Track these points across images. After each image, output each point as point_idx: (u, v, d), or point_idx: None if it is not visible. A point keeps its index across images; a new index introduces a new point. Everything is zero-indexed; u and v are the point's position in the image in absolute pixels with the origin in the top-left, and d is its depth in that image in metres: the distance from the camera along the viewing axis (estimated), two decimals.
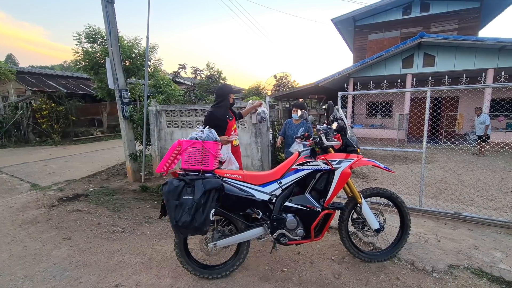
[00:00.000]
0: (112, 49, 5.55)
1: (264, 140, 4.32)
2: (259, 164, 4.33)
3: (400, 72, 11.14)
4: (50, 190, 5.07)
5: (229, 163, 2.79)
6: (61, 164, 7.40)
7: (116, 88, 5.72)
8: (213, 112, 2.97)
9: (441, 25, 12.98)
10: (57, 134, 12.33)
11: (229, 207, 2.17)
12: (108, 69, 5.66)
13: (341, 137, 2.29)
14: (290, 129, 4.08)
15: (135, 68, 10.86)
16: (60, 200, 4.49)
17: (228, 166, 2.80)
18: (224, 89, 3.05)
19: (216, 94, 3.04)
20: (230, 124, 2.99)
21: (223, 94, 2.98)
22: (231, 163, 2.79)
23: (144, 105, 5.77)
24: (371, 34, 14.58)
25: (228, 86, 3.18)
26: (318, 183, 2.24)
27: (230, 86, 3.22)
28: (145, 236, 3.15)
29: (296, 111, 4.01)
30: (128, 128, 5.97)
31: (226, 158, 2.79)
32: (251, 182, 2.23)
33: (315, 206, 2.21)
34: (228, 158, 2.79)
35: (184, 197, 1.89)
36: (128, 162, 6.05)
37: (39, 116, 11.89)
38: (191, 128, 5.29)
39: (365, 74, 11.79)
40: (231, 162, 2.79)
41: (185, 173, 2.14)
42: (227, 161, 2.80)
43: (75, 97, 13.85)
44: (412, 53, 10.93)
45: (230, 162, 2.79)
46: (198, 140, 2.14)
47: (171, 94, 6.19)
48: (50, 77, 15.45)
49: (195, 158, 2.14)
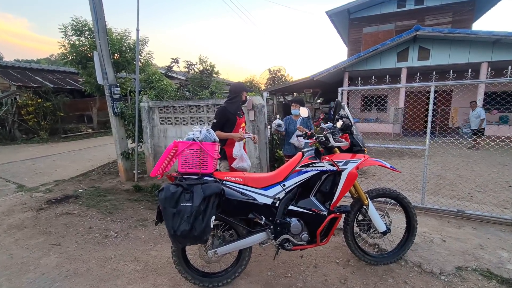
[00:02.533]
0: (100, 42, 5.27)
1: (262, 137, 4.18)
2: (257, 162, 4.20)
3: (395, 65, 11.10)
4: (38, 192, 4.84)
5: (241, 160, 2.71)
6: (49, 163, 7.11)
7: (106, 83, 5.46)
8: (226, 107, 2.93)
9: (435, 18, 12.94)
10: (44, 131, 11.90)
11: (230, 212, 2.04)
12: (96, 63, 5.39)
13: (348, 136, 2.17)
14: (291, 126, 3.97)
15: (125, 62, 10.50)
16: (48, 202, 4.27)
17: (239, 163, 2.72)
18: (238, 86, 3.03)
19: (230, 90, 3.04)
20: (239, 121, 2.93)
21: (236, 90, 2.97)
22: (243, 160, 2.71)
23: (135, 101, 5.54)
24: (366, 27, 14.46)
25: (242, 84, 3.17)
26: (324, 185, 2.12)
27: (243, 84, 3.20)
28: (140, 241, 3.00)
29: (296, 107, 3.88)
30: (119, 125, 5.73)
31: (238, 155, 2.69)
32: (253, 185, 2.10)
33: (320, 209, 2.09)
34: (240, 155, 2.71)
35: (182, 204, 1.74)
36: (120, 160, 5.83)
37: (25, 113, 11.42)
38: (185, 125, 5.11)
39: (360, 67, 11.71)
40: (243, 159, 2.70)
41: (182, 176, 1.99)
42: (239, 158, 2.72)
43: (62, 92, 13.34)
44: (407, 47, 10.87)
45: (242, 159, 2.70)
46: (196, 141, 1.98)
47: (164, 90, 5.95)
48: (35, 71, 14.83)
49: (192, 161, 1.98)
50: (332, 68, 11.36)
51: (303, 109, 3.00)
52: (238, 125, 2.91)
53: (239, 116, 2.95)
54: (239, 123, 2.93)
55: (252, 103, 4.03)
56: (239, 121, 2.93)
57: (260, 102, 4.07)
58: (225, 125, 2.87)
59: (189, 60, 5.98)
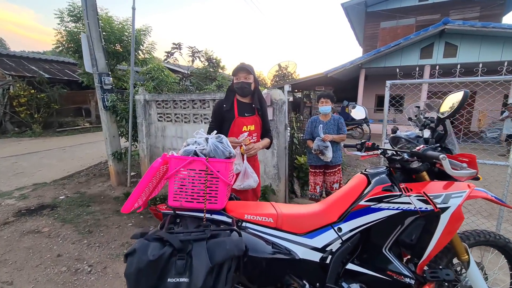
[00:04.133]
0: (88, 21, 4.48)
1: (281, 142, 3.37)
2: (274, 172, 3.38)
3: (418, 62, 10.16)
4: (11, 198, 4.07)
5: (245, 176, 1.83)
6: (34, 161, 6.35)
7: (95, 71, 4.67)
8: (221, 101, 2.09)
9: (461, 12, 11.96)
10: (38, 124, 11.17)
11: (254, 276, 1.23)
12: (84, 47, 4.59)
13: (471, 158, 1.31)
14: (317, 129, 3.12)
15: (126, 52, 9.69)
16: (17, 214, 3.50)
17: (244, 182, 1.83)
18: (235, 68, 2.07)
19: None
20: (239, 121, 1.97)
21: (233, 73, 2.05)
22: (248, 176, 1.83)
23: (130, 93, 4.74)
24: (384, 22, 13.52)
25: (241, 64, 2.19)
26: (407, 232, 1.30)
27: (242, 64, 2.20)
28: (120, 281, 2.21)
29: (326, 103, 3.04)
30: (110, 121, 4.94)
31: (241, 169, 1.83)
32: (290, 228, 1.28)
33: (401, 273, 1.28)
34: (244, 169, 1.83)
35: (171, 280, 0.93)
36: (111, 162, 5.05)
37: (17, 104, 10.69)
38: (187, 123, 4.30)
39: (378, 64, 10.81)
40: (247, 175, 1.83)
41: (175, 214, 1.20)
42: (242, 173, 1.83)
43: (58, 83, 12.58)
44: (432, 42, 9.95)
45: (247, 175, 1.83)
46: (199, 157, 1.18)
47: (163, 81, 5.14)
48: (32, 60, 14.08)
49: (192, 189, 1.18)
50: (348, 64, 10.46)
51: (358, 108, 1.89)
52: (238, 126, 1.97)
53: (240, 113, 2.00)
54: (239, 124, 1.98)
55: (271, 99, 3.21)
56: (239, 120, 1.98)
57: (280, 97, 3.25)
58: (223, 126, 2.02)
59: (194, 46, 5.16)
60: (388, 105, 3.34)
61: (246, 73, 1.92)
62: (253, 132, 1.99)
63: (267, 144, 2.09)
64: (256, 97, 2.03)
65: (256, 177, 1.87)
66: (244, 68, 1.92)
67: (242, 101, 2.04)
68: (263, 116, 2.07)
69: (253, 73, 1.96)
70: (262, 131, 2.11)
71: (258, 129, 2.04)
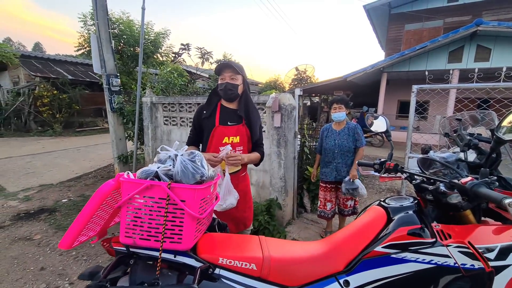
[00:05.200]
0: (98, 22, 4.40)
1: (289, 151, 3.04)
2: (281, 185, 3.05)
3: (445, 67, 9.42)
4: (15, 199, 4.03)
5: (228, 193, 1.51)
6: (47, 161, 6.43)
7: (103, 72, 4.60)
8: (201, 107, 1.76)
9: (495, 13, 11.04)
10: (59, 124, 11.53)
11: None
12: (93, 48, 4.53)
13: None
14: (329, 139, 2.76)
15: (145, 55, 9.78)
16: (15, 217, 3.41)
17: (227, 201, 1.50)
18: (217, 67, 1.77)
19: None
20: (220, 131, 1.64)
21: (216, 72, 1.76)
22: (230, 193, 1.51)
23: (136, 95, 4.61)
24: (408, 24, 12.80)
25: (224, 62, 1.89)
26: None
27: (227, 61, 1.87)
28: None
29: (340, 109, 2.67)
30: (117, 123, 4.85)
31: (222, 183, 1.51)
32: (280, 280, 0.96)
33: None
34: (225, 183, 1.50)
35: None
36: (116, 165, 4.95)
37: (40, 104, 11.09)
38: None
39: (402, 68, 10.15)
40: (229, 191, 1.51)
41: (130, 253, 0.92)
42: (223, 190, 1.50)
43: (80, 84, 12.99)
44: (462, 45, 9.19)
45: (229, 192, 1.52)
46: (160, 182, 0.90)
47: (172, 83, 4.99)
48: (58, 62, 14.69)
49: (149, 223, 0.90)
50: (369, 68, 9.91)
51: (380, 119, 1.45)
52: (218, 137, 1.64)
53: (222, 121, 1.66)
54: (219, 134, 1.64)
55: (279, 104, 2.90)
56: (220, 130, 1.64)
57: (290, 102, 2.93)
58: (203, 136, 1.72)
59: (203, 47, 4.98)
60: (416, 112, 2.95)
61: (232, 72, 1.59)
62: (237, 145, 1.66)
63: (255, 159, 1.71)
64: (243, 103, 1.68)
65: (236, 194, 1.54)
66: (229, 65, 1.59)
67: (227, 107, 1.71)
68: (251, 126, 1.69)
69: (241, 73, 1.63)
70: (251, 145, 1.74)
71: (244, 142, 1.68)
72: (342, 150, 2.70)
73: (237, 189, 1.62)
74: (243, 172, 1.77)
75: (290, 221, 3.26)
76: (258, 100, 3.18)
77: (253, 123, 1.69)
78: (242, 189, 1.73)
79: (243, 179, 1.77)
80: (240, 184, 1.73)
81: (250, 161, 1.69)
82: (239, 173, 1.72)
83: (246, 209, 1.80)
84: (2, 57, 11.30)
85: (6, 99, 11.70)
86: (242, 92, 1.69)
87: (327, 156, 2.78)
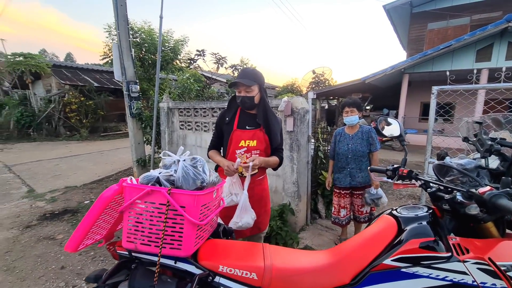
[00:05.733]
0: (119, 32, 4.61)
1: (302, 156, 2.98)
2: (294, 190, 3.00)
3: (473, 66, 8.89)
4: (42, 200, 4.27)
5: (244, 211, 1.49)
6: (73, 164, 6.78)
7: (124, 79, 4.79)
8: (224, 111, 1.81)
9: None
10: (85, 129, 12.17)
11: None
12: (115, 56, 4.75)
13: None
14: (342, 144, 2.68)
15: (164, 62, 10.14)
16: (41, 217, 3.61)
17: (242, 219, 1.49)
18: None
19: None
20: (237, 135, 1.67)
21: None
22: (246, 211, 1.50)
23: (154, 100, 4.77)
24: (432, 23, 12.27)
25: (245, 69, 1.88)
26: None
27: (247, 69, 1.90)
28: None
29: (352, 112, 2.58)
30: (136, 128, 5.03)
31: (240, 201, 1.51)
32: None
33: None
34: (243, 201, 1.50)
35: None
36: (135, 168, 5.12)
37: (69, 110, 11.79)
38: (206, 132, 4.13)
39: (424, 69, 9.72)
40: (246, 210, 1.50)
41: (132, 258, 0.93)
42: (240, 207, 1.49)
43: (105, 91, 13.67)
44: (491, 43, 8.65)
45: (245, 210, 1.50)
46: (160, 187, 0.90)
47: (189, 88, 5.10)
48: (85, 71, 15.57)
49: (150, 228, 0.91)
50: (389, 69, 9.58)
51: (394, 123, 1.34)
52: (236, 141, 1.67)
53: (240, 125, 1.69)
54: (237, 138, 1.67)
55: (292, 108, 2.86)
56: (237, 133, 1.67)
57: (302, 106, 2.88)
58: (224, 139, 1.76)
59: (217, 52, 5.06)
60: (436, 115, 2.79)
61: (246, 85, 1.59)
62: (253, 148, 1.65)
63: (273, 162, 1.70)
64: (261, 110, 1.67)
65: (253, 214, 1.53)
66: (241, 83, 1.59)
67: (246, 112, 1.73)
68: (270, 132, 1.69)
69: (257, 82, 1.62)
70: (269, 150, 1.73)
71: (261, 146, 1.68)
72: (355, 155, 2.61)
73: (253, 192, 1.64)
74: (260, 176, 1.76)
75: (304, 227, 3.19)
76: (271, 104, 3.16)
77: (272, 129, 1.69)
78: (258, 193, 1.73)
79: (259, 182, 1.76)
80: (256, 187, 1.72)
81: (267, 164, 1.68)
82: (255, 177, 1.71)
83: (262, 213, 1.77)
84: (36, 67, 12.16)
85: (39, 106, 12.54)
86: (259, 100, 1.68)
87: (340, 161, 2.69)
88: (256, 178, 1.68)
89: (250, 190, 1.54)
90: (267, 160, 1.65)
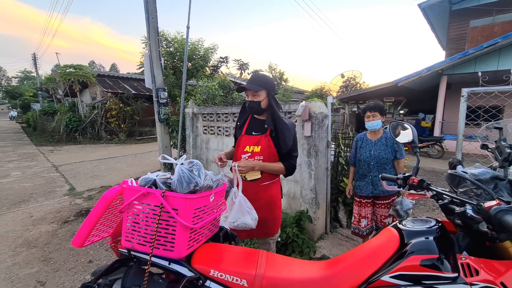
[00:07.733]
0: (150, 43, 4.93)
1: (321, 162, 2.90)
2: (312, 197, 2.92)
3: None
4: (80, 198, 4.68)
5: (240, 212, 1.47)
6: (110, 165, 7.33)
7: (153, 87, 5.10)
8: (238, 118, 1.86)
9: None
10: (123, 133, 13.12)
11: None
12: (146, 65, 5.07)
13: None
14: (364, 149, 2.55)
15: (194, 69, 10.60)
16: (78, 214, 3.95)
17: (239, 219, 1.47)
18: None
19: None
20: (243, 140, 1.73)
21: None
22: (243, 213, 1.48)
23: (180, 106, 4.99)
24: (474, 20, 11.26)
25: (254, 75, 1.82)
26: None
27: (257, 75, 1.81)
28: None
29: (374, 117, 2.45)
30: (164, 132, 5.30)
31: (233, 201, 1.50)
32: None
33: None
34: (238, 202, 1.48)
35: None
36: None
37: (109, 116, 12.82)
38: (228, 136, 4.22)
39: (465, 69, 8.93)
40: (242, 211, 1.48)
41: (131, 256, 0.98)
42: (236, 207, 1.47)
43: (141, 98, 14.64)
44: None
45: (241, 211, 1.48)
46: (154, 190, 0.94)
47: (212, 94, 5.27)
48: (125, 79, 16.85)
49: (145, 229, 0.95)
50: (424, 71, 8.95)
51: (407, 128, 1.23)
52: (241, 146, 1.73)
53: (248, 131, 1.74)
54: (242, 143, 1.73)
55: (309, 112, 2.81)
56: (243, 139, 1.73)
57: (320, 110, 2.82)
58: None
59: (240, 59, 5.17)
60: (481, 119, 2.54)
61: (253, 90, 1.60)
62: (257, 154, 1.64)
63: (274, 169, 1.66)
64: (270, 116, 1.66)
65: (255, 215, 1.50)
66: (247, 89, 1.60)
67: (256, 118, 1.74)
68: (278, 138, 1.65)
69: (264, 87, 1.62)
70: (276, 156, 1.69)
71: (265, 151, 1.65)
72: (378, 162, 2.47)
73: (257, 197, 1.63)
74: (266, 181, 1.70)
75: (323, 236, 3.08)
76: (289, 109, 3.14)
77: (281, 134, 1.65)
78: (263, 198, 1.69)
79: (264, 188, 1.71)
80: (261, 192, 1.69)
81: (267, 169, 1.65)
82: (259, 182, 1.68)
83: (269, 218, 1.73)
84: (84, 77, 13.46)
85: (85, 112, 13.83)
86: (267, 105, 1.67)
87: (361, 168, 2.56)
88: (260, 183, 1.66)
89: (254, 194, 1.54)
90: (264, 165, 1.62)
